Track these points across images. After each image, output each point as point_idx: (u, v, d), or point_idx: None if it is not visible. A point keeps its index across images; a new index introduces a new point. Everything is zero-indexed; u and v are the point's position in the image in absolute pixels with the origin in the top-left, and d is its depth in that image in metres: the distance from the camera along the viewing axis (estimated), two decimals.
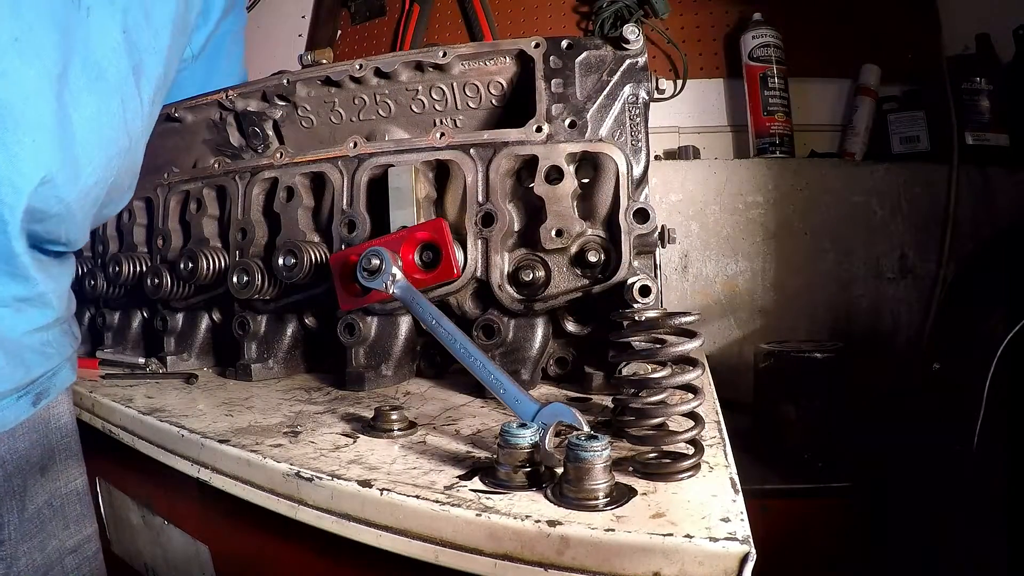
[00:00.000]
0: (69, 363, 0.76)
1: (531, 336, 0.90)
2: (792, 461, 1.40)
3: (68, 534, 0.75)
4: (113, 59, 0.67)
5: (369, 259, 0.80)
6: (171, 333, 1.13)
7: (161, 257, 1.12)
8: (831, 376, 1.41)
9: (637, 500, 0.50)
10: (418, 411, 0.79)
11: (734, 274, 1.84)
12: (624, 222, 0.83)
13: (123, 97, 0.70)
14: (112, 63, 0.67)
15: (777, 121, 1.86)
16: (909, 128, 1.85)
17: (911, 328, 1.78)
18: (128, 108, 0.71)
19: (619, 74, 0.89)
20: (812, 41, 1.94)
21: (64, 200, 0.65)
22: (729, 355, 1.81)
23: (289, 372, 1.04)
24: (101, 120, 0.67)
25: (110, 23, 0.66)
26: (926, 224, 1.78)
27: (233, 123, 1.10)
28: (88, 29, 0.64)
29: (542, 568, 0.46)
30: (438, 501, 0.51)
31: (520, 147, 0.89)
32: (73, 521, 0.76)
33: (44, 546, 0.71)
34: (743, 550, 0.42)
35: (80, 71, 0.64)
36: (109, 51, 0.67)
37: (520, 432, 0.54)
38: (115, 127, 0.70)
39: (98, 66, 0.66)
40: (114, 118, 0.70)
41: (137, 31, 0.70)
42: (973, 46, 1.85)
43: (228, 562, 0.80)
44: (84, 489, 0.79)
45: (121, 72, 0.69)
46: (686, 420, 0.60)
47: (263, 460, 0.62)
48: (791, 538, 1.29)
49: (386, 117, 1.03)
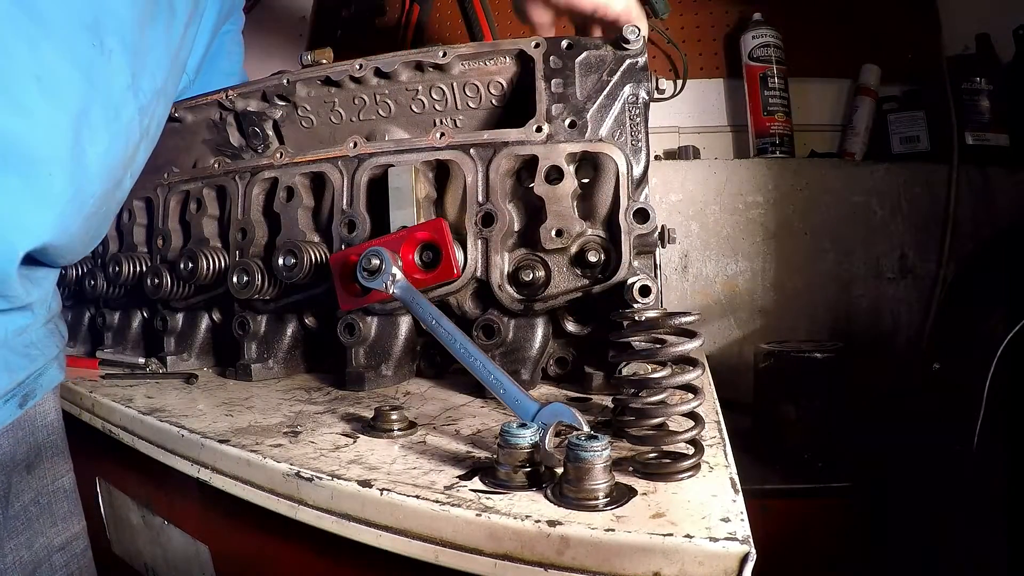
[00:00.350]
0: (56, 363, 0.76)
1: (531, 336, 0.90)
2: (792, 461, 1.40)
3: (56, 531, 0.75)
4: (124, 100, 0.71)
5: (369, 259, 0.80)
6: (171, 333, 1.13)
7: (161, 257, 1.12)
8: (831, 376, 1.41)
9: (637, 500, 0.50)
10: (418, 411, 0.79)
11: (734, 274, 1.84)
12: (624, 222, 0.83)
13: (128, 135, 0.74)
14: (125, 104, 0.71)
15: (777, 121, 1.86)
16: (909, 128, 1.85)
17: (911, 328, 1.78)
18: (130, 144, 0.75)
19: (619, 74, 0.89)
20: (812, 41, 1.94)
21: (69, 231, 0.68)
22: (729, 355, 1.81)
23: (289, 372, 1.04)
24: (110, 155, 0.71)
25: (125, 66, 0.70)
26: (926, 224, 1.78)
27: (233, 123, 1.10)
28: (109, 71, 0.67)
29: (542, 568, 0.46)
30: (438, 501, 0.51)
31: (520, 147, 0.89)
32: (61, 518, 0.76)
33: (31, 543, 0.72)
34: (743, 550, 0.42)
35: (100, 111, 0.67)
36: (123, 92, 0.70)
37: (520, 432, 0.54)
38: (121, 163, 0.74)
39: (115, 108, 0.70)
40: (122, 154, 0.74)
41: (141, 74, 0.73)
42: (973, 46, 1.85)
43: (228, 562, 0.80)
44: (72, 487, 0.79)
45: (130, 112, 0.73)
46: (686, 420, 0.60)
47: (263, 460, 0.62)
48: (791, 538, 1.29)
49: (386, 117, 1.03)
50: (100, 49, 0.65)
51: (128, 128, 0.74)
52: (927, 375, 1.61)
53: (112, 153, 0.71)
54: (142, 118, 0.75)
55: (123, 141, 0.73)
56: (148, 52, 0.74)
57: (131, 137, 0.75)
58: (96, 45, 0.65)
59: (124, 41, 0.68)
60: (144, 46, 0.73)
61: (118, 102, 0.70)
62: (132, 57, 0.70)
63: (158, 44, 0.77)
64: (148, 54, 0.74)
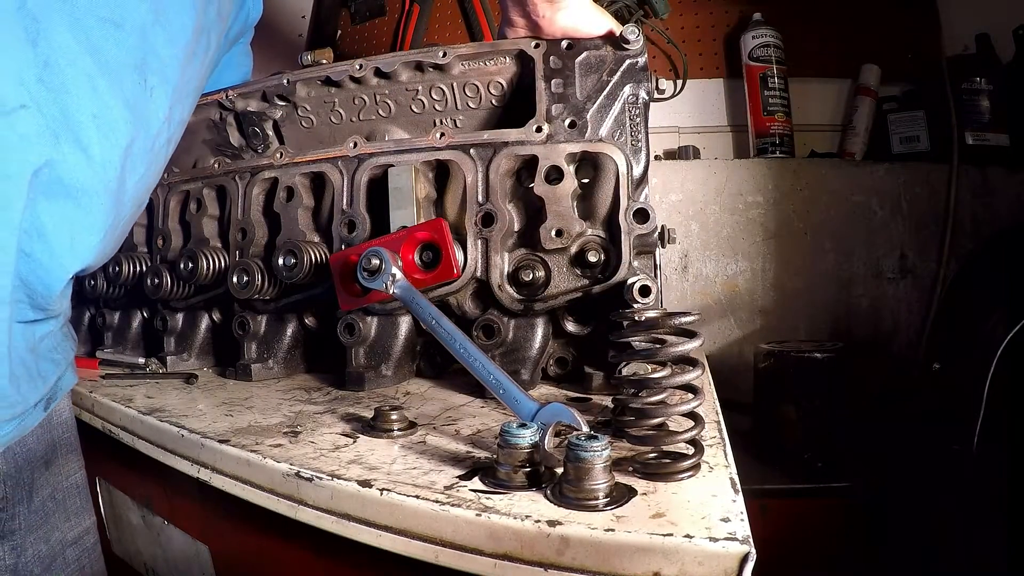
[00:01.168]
0: (71, 367, 0.80)
1: (531, 336, 0.90)
2: (792, 461, 1.40)
3: (69, 526, 0.77)
4: (160, 131, 0.76)
5: (369, 259, 0.80)
6: (171, 333, 1.13)
7: (161, 257, 1.12)
8: (831, 376, 1.41)
9: (637, 500, 0.50)
10: (418, 411, 0.79)
11: (734, 274, 1.84)
12: (624, 222, 0.83)
13: (160, 162, 0.81)
14: (160, 135, 0.77)
15: (777, 121, 1.86)
16: (909, 128, 1.85)
17: (911, 328, 1.78)
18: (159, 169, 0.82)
19: (619, 74, 0.89)
20: (812, 41, 1.94)
21: (105, 252, 0.74)
22: (729, 355, 1.81)
23: (289, 372, 1.04)
24: (144, 182, 0.77)
25: (164, 101, 0.75)
26: (926, 224, 1.78)
27: (233, 123, 1.10)
28: (152, 107, 0.73)
29: (542, 568, 0.46)
30: (438, 501, 0.51)
31: (520, 147, 0.89)
32: (73, 513, 0.78)
33: (48, 538, 0.74)
34: (743, 550, 0.42)
35: (141, 143, 0.72)
36: (160, 125, 0.76)
37: (520, 432, 0.54)
38: (149, 188, 0.81)
39: (152, 139, 0.75)
40: (153, 180, 0.81)
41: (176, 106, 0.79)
42: (973, 46, 1.85)
43: (228, 562, 0.80)
44: (83, 483, 0.81)
45: (162, 141, 0.78)
46: (686, 420, 0.60)
47: (263, 460, 0.62)
48: (791, 538, 1.29)
49: (386, 117, 1.03)
50: (143, 86, 0.70)
51: (160, 156, 0.80)
52: (927, 375, 1.61)
53: (145, 180, 0.77)
54: (169, 146, 0.82)
55: (155, 168, 0.79)
56: (185, 87, 0.80)
57: (161, 164, 0.81)
58: (141, 83, 0.70)
59: (165, 78, 0.74)
60: (183, 82, 0.78)
61: (155, 134, 0.75)
62: (172, 92, 0.76)
63: (193, 78, 0.83)
64: (184, 88, 0.80)
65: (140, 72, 0.69)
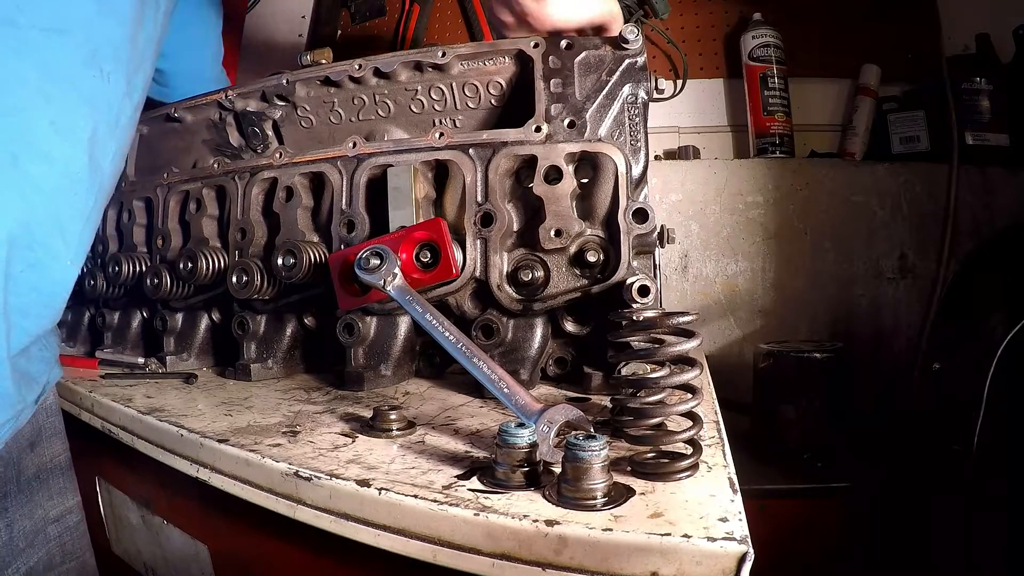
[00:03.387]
0: (57, 362, 0.82)
1: (530, 336, 0.90)
2: (791, 461, 1.40)
3: (52, 504, 0.80)
4: (123, 107, 0.77)
5: (368, 258, 0.80)
6: (171, 333, 1.13)
7: (161, 257, 1.12)
8: (831, 376, 1.41)
9: (635, 500, 0.50)
10: (417, 411, 0.79)
11: (734, 274, 1.84)
12: (623, 222, 0.83)
13: (128, 132, 0.81)
14: (123, 110, 0.77)
15: (777, 121, 1.86)
16: (909, 128, 1.85)
17: (911, 328, 1.78)
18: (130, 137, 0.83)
19: (618, 74, 0.89)
20: (812, 41, 1.94)
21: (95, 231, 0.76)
22: (729, 355, 1.81)
23: (288, 372, 1.04)
24: (118, 156, 0.78)
25: (121, 80, 0.75)
26: (926, 224, 1.78)
27: (232, 123, 1.10)
28: (109, 91, 0.73)
29: (540, 568, 0.46)
30: (436, 501, 0.51)
31: (519, 147, 0.88)
32: (57, 493, 0.81)
33: (32, 514, 0.76)
34: (741, 550, 0.42)
35: (105, 127, 0.73)
36: (121, 101, 0.76)
37: (518, 432, 0.54)
38: (124, 155, 0.82)
39: (116, 117, 0.75)
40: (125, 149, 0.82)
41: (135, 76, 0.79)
42: (973, 46, 1.85)
43: (227, 561, 0.80)
44: (67, 464, 0.84)
45: (128, 113, 0.79)
46: (685, 420, 0.60)
47: (262, 460, 0.62)
48: (790, 538, 1.29)
49: (385, 117, 1.03)
50: (100, 75, 0.70)
51: (127, 127, 0.79)
52: (927, 375, 1.61)
53: (119, 154, 0.78)
54: (135, 112, 0.81)
55: (125, 139, 0.79)
56: (140, 55, 0.79)
57: (130, 132, 0.81)
58: (96, 74, 0.70)
59: (119, 59, 0.74)
60: (136, 54, 0.78)
61: (118, 111, 0.75)
62: (127, 68, 0.76)
63: (149, 43, 0.81)
64: (139, 57, 0.79)
65: (93, 64, 0.69)
